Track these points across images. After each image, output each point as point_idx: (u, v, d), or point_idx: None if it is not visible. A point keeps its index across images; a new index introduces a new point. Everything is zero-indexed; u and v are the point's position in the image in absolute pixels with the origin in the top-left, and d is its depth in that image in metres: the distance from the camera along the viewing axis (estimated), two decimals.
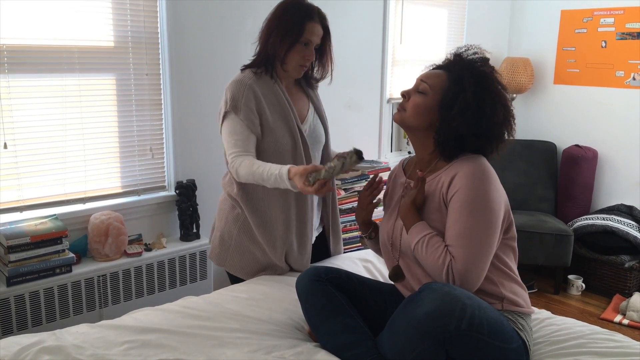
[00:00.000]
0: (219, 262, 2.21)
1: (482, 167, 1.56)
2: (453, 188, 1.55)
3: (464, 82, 1.59)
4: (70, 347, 1.52)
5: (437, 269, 1.50)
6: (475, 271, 1.48)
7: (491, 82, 1.62)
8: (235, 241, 2.15)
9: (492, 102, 1.59)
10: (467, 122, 1.57)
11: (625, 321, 3.38)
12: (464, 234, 1.49)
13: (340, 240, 2.39)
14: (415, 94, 1.67)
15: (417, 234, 1.57)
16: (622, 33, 4.05)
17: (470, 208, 1.51)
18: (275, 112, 2.05)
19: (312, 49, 2.05)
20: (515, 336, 1.49)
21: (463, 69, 1.62)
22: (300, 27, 2.00)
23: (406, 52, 4.01)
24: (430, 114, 1.63)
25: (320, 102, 2.28)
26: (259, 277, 2.13)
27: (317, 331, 1.65)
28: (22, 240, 2.31)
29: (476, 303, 1.39)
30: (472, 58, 1.66)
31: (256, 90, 2.03)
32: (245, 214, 2.11)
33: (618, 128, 4.12)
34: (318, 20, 2.04)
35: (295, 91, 2.19)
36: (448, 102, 1.59)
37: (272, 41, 2.05)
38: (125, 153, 2.78)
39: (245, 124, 2.00)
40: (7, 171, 2.42)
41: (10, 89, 2.37)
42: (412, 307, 1.42)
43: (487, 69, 1.64)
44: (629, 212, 3.95)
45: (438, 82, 1.63)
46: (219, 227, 2.21)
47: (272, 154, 2.04)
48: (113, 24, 2.63)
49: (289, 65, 2.06)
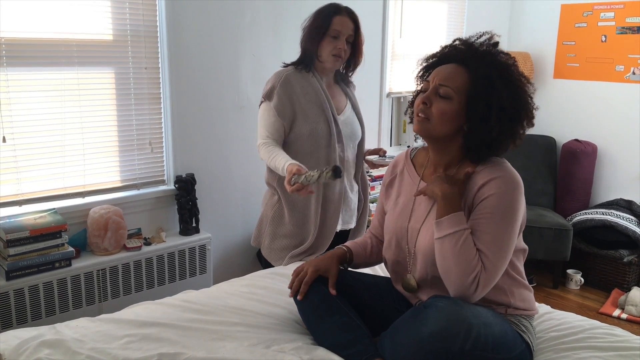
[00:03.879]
0: (257, 243, 2.54)
1: (515, 174, 1.52)
2: (485, 192, 1.48)
3: (492, 80, 1.47)
4: (70, 340, 1.52)
5: (465, 271, 1.42)
6: (495, 279, 1.45)
7: (517, 75, 1.51)
8: (269, 225, 2.42)
9: (525, 101, 1.51)
10: (502, 125, 1.48)
11: (624, 315, 3.39)
12: (495, 242, 1.44)
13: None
14: (437, 100, 1.51)
15: (453, 225, 1.45)
16: (622, 27, 4.04)
17: (502, 216, 1.46)
18: (311, 101, 2.29)
19: (342, 41, 2.27)
20: (518, 341, 1.48)
21: (486, 65, 1.50)
22: (327, 21, 2.25)
23: (406, 47, 4.00)
24: (458, 120, 1.51)
25: (357, 102, 2.51)
26: (259, 272, 2.14)
27: (313, 332, 1.63)
28: (21, 234, 2.30)
29: (482, 321, 1.36)
30: (488, 50, 1.54)
31: (292, 81, 2.28)
32: (281, 197, 2.37)
33: (618, 123, 4.12)
34: (346, 14, 2.28)
35: (334, 88, 2.44)
36: (479, 105, 1.48)
37: (306, 38, 2.30)
38: (125, 147, 2.77)
39: (276, 111, 2.26)
40: (6, 165, 2.42)
41: (8, 82, 2.36)
42: (417, 323, 1.39)
43: (508, 58, 1.54)
44: (628, 206, 3.95)
45: (461, 83, 1.50)
46: (261, 212, 2.52)
47: (307, 139, 2.30)
48: (112, 17, 2.62)
49: (323, 56, 2.28)
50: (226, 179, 3.13)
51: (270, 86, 2.29)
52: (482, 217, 1.47)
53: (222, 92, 3.03)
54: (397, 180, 1.74)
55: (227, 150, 3.10)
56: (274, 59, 2.69)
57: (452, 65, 1.54)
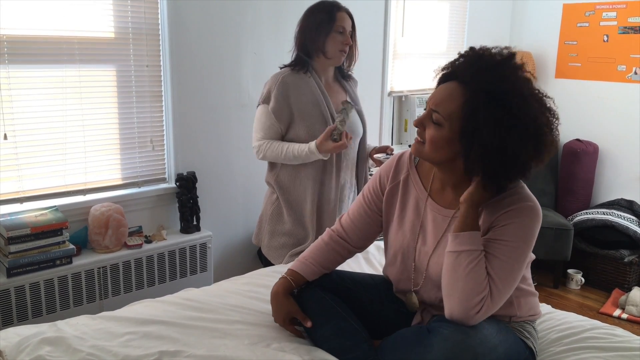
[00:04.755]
0: (257, 242, 2.55)
1: (535, 206, 1.44)
2: (503, 220, 1.41)
3: (479, 112, 1.34)
4: (70, 338, 1.52)
5: (473, 291, 1.35)
6: (497, 306, 1.40)
7: (514, 103, 1.33)
8: (268, 223, 2.44)
9: (531, 134, 1.35)
10: (493, 164, 1.36)
11: (625, 315, 3.39)
12: (504, 269, 1.38)
13: None
14: (430, 125, 1.43)
15: (472, 243, 1.38)
16: (624, 27, 4.04)
17: (517, 246, 1.40)
18: (309, 101, 2.28)
19: (347, 35, 2.29)
20: (522, 350, 1.46)
21: (484, 87, 1.35)
22: (332, 16, 2.25)
23: (408, 45, 3.99)
24: (451, 146, 1.41)
25: (358, 99, 2.50)
26: (260, 270, 2.14)
27: (311, 337, 1.60)
28: (22, 232, 2.30)
29: (488, 348, 1.33)
30: (497, 63, 1.38)
31: (289, 82, 2.28)
32: (279, 196, 2.38)
33: (619, 123, 4.12)
34: (344, 11, 2.30)
35: (334, 86, 2.44)
36: (463, 138, 1.38)
37: (308, 37, 2.28)
38: (126, 145, 2.77)
39: (274, 114, 2.28)
40: (7, 162, 2.42)
41: (10, 79, 2.36)
42: (420, 350, 1.35)
43: (517, 77, 1.38)
44: (629, 206, 3.95)
45: (454, 109, 1.38)
46: (262, 210, 2.53)
47: (305, 139, 2.29)
48: (113, 15, 2.62)
49: (330, 53, 2.29)
50: (227, 177, 3.13)
51: (267, 89, 2.31)
52: (496, 242, 1.40)
53: (224, 90, 3.03)
54: (401, 189, 1.63)
55: (228, 148, 3.10)
56: (276, 57, 2.69)
57: (452, 85, 1.42)
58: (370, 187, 1.71)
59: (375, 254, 2.28)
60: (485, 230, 1.44)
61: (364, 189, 1.74)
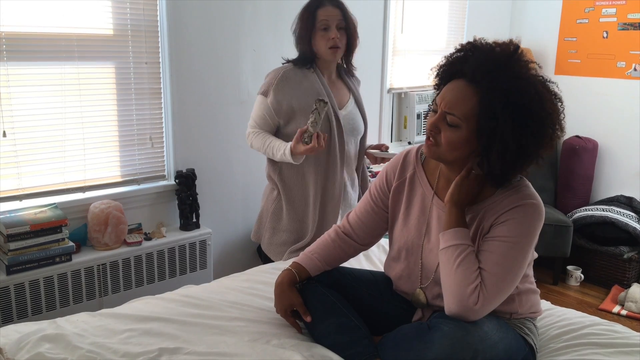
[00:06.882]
0: (256, 238, 2.54)
1: (538, 203, 1.44)
2: (504, 217, 1.42)
3: (497, 110, 1.34)
4: (70, 335, 1.52)
5: (463, 281, 1.37)
6: (497, 300, 1.40)
7: (534, 95, 1.35)
8: (269, 220, 2.42)
9: (545, 124, 1.38)
10: (510, 157, 1.37)
11: (624, 312, 3.39)
12: (500, 264, 1.39)
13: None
14: (445, 128, 1.41)
15: (454, 238, 1.42)
16: (624, 24, 4.03)
17: (516, 241, 1.40)
18: (310, 96, 2.24)
19: (333, 30, 2.23)
20: (522, 347, 1.46)
21: (498, 85, 1.35)
22: (312, 16, 2.23)
23: (407, 42, 3.99)
24: (469, 145, 1.41)
25: (361, 96, 2.48)
26: (259, 267, 2.14)
27: (312, 333, 1.60)
28: (21, 229, 2.30)
29: (487, 344, 1.33)
30: (505, 61, 1.38)
31: (290, 77, 2.27)
32: (280, 192, 2.37)
33: (618, 119, 4.12)
34: (329, 3, 2.25)
35: (337, 83, 2.42)
36: (482, 137, 1.38)
37: (299, 41, 2.30)
38: (125, 142, 2.77)
39: (272, 108, 2.27)
40: (6, 160, 2.41)
41: (9, 77, 2.36)
42: (421, 347, 1.35)
43: (525, 72, 1.38)
44: (629, 203, 3.95)
45: (469, 109, 1.38)
46: (261, 207, 2.51)
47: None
48: (112, 12, 2.61)
49: (320, 52, 2.27)
50: (227, 174, 3.13)
51: (267, 82, 2.29)
52: (495, 239, 1.41)
53: (223, 87, 3.03)
54: (407, 187, 1.64)
55: (227, 145, 3.10)
56: (275, 54, 2.69)
57: (461, 85, 1.40)
58: (377, 184, 1.72)
59: (376, 251, 2.28)
60: (488, 228, 1.44)
61: (371, 186, 1.75)
